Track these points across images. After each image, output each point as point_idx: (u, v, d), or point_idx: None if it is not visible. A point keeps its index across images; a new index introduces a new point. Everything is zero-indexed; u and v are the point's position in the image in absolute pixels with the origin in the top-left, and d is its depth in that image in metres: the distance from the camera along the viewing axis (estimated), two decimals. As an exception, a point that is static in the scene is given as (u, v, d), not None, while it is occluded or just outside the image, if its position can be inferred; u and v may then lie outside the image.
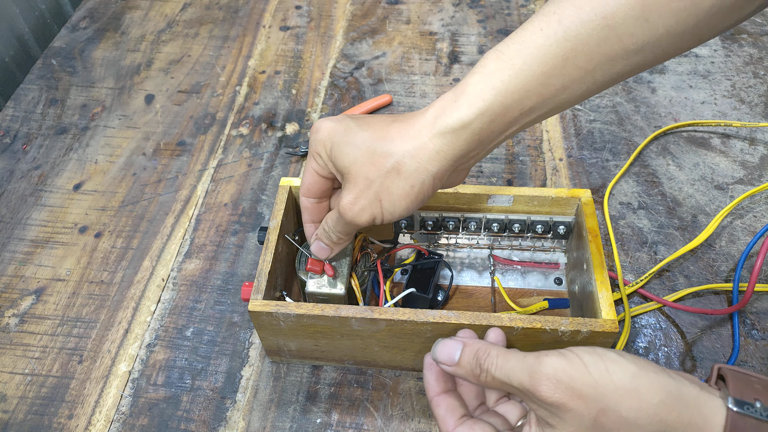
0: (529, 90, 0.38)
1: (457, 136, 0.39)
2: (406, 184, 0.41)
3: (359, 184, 0.41)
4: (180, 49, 0.89)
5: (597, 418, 0.32)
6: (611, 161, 0.71)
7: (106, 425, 0.53)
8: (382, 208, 0.42)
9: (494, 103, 0.38)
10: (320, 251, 0.48)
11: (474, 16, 0.92)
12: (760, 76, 0.80)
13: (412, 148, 0.40)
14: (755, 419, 0.30)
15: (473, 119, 0.38)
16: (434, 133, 0.40)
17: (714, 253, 0.63)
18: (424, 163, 0.40)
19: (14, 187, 0.72)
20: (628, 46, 0.36)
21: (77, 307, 0.61)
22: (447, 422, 0.40)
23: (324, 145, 0.44)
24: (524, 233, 0.58)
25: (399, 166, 0.40)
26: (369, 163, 0.41)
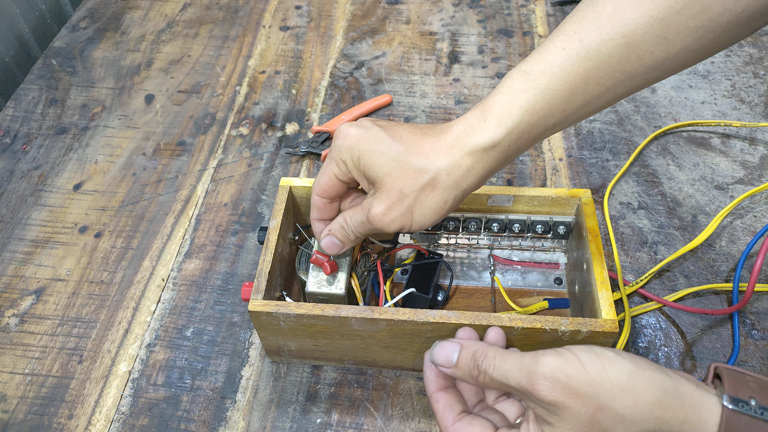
0: (553, 108, 0.39)
1: (487, 154, 0.41)
2: (440, 199, 0.42)
3: (392, 196, 0.42)
4: (180, 49, 0.89)
5: (594, 415, 0.33)
6: (611, 161, 0.71)
7: (106, 425, 0.53)
8: (412, 220, 0.43)
9: (521, 122, 0.40)
10: (331, 246, 0.48)
11: (474, 16, 0.92)
12: (760, 76, 0.80)
13: (447, 165, 0.41)
14: (750, 416, 0.31)
15: (502, 138, 0.40)
16: (466, 152, 0.41)
17: (714, 253, 0.63)
18: (458, 180, 0.42)
19: (14, 187, 0.72)
20: (648, 63, 0.37)
21: (77, 307, 0.61)
22: (446, 417, 0.41)
23: (351, 153, 0.44)
24: (524, 233, 0.58)
25: (434, 182, 0.42)
26: (404, 177, 0.42)
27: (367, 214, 0.44)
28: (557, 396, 0.33)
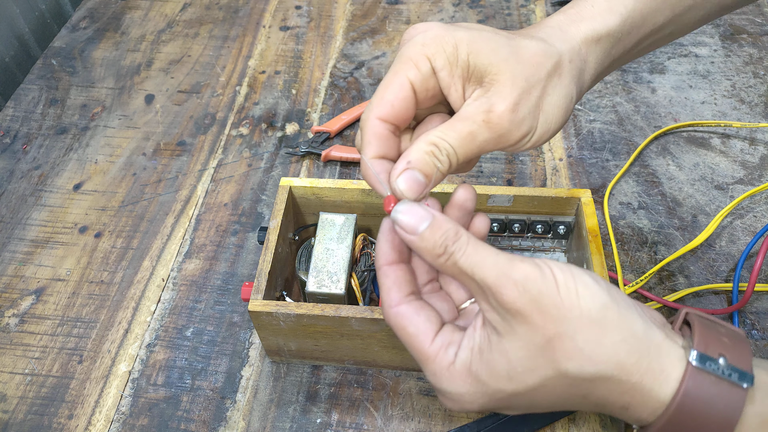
0: (663, 1, 0.35)
1: (601, 45, 0.35)
2: (568, 91, 0.34)
3: (518, 86, 0.32)
4: (180, 49, 0.89)
5: (551, 339, 0.29)
6: (611, 161, 0.71)
7: (106, 425, 0.53)
8: (540, 120, 0.33)
9: (634, 10, 0.34)
10: (413, 186, 0.33)
11: (474, 16, 0.92)
12: (760, 76, 0.80)
13: (568, 50, 0.34)
14: (715, 376, 0.28)
15: (616, 28, 0.34)
16: (581, 38, 0.34)
17: (714, 253, 0.63)
18: (579, 71, 0.34)
19: (14, 187, 0.72)
20: None
21: (77, 307, 0.61)
22: (391, 296, 0.34)
23: (443, 43, 0.33)
24: (524, 233, 0.58)
25: (560, 68, 0.34)
26: (523, 61, 0.33)
27: (484, 117, 0.32)
28: (522, 305, 0.29)
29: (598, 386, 0.29)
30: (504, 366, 0.30)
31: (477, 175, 0.71)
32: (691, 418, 0.27)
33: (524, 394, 0.30)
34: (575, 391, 0.29)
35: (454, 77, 0.33)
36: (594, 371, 0.28)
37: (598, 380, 0.28)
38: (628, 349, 0.28)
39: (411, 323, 0.32)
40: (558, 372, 0.29)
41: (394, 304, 0.33)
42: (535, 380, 0.29)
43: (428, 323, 0.32)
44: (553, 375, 0.29)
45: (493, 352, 0.30)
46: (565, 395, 0.30)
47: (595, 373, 0.28)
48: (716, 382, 0.28)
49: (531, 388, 0.29)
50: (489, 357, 0.30)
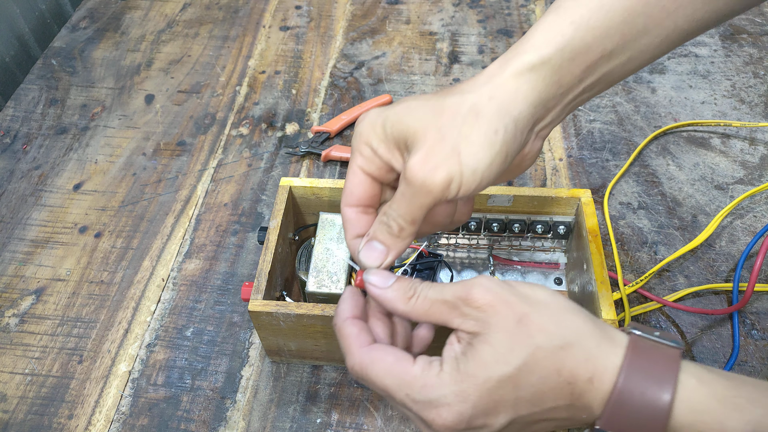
0: (610, 27, 0.35)
1: (536, 74, 0.35)
2: (489, 128, 0.34)
3: (429, 139, 0.34)
4: (180, 49, 0.89)
5: (521, 319, 0.33)
6: (611, 161, 0.71)
7: (106, 425, 0.53)
8: (461, 164, 0.34)
9: (574, 38, 0.35)
10: (373, 256, 0.38)
11: (474, 16, 0.92)
12: (760, 76, 0.80)
13: (488, 90, 0.35)
14: (653, 341, 0.33)
15: (552, 55, 0.35)
16: (510, 73, 0.35)
17: (714, 253, 0.63)
18: (504, 104, 0.35)
19: (14, 187, 0.72)
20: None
21: (77, 307, 0.61)
22: (361, 339, 0.36)
23: (373, 126, 0.37)
24: (524, 233, 0.58)
25: (476, 109, 0.35)
26: (439, 115, 0.35)
27: (404, 174, 0.35)
28: (490, 299, 0.33)
29: (568, 355, 0.32)
30: (489, 351, 0.33)
31: (477, 175, 0.71)
32: (639, 374, 0.31)
33: (512, 377, 0.32)
34: (551, 365, 0.32)
35: (390, 150, 0.37)
36: (561, 340, 0.32)
37: (566, 347, 0.32)
38: (583, 320, 0.33)
39: (389, 354, 0.35)
40: (534, 345, 0.32)
41: (365, 344, 0.36)
42: (518, 358, 0.32)
43: (403, 352, 0.35)
44: (532, 350, 0.32)
45: (476, 347, 0.33)
46: (545, 374, 0.32)
47: (562, 340, 0.32)
48: (655, 345, 0.33)
49: (516, 368, 0.32)
50: (473, 352, 0.33)
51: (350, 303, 0.38)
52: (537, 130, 0.38)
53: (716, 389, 0.31)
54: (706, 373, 0.32)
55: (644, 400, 0.31)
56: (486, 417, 0.33)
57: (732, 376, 0.32)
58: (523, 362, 0.32)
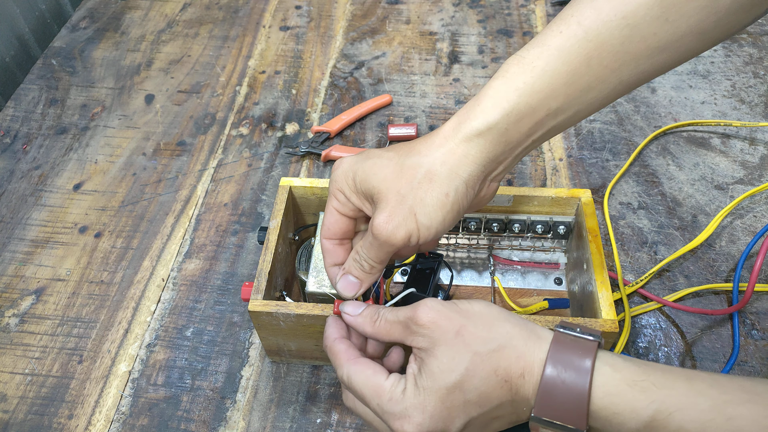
0: (554, 89, 0.38)
1: (483, 138, 0.39)
2: (441, 192, 0.40)
3: (391, 200, 0.40)
4: (180, 49, 0.89)
5: (459, 331, 0.38)
6: (611, 161, 0.71)
7: (106, 425, 0.53)
8: (417, 223, 0.40)
9: (519, 103, 0.39)
10: (348, 287, 0.44)
11: (474, 16, 0.92)
12: (760, 76, 0.80)
13: (440, 155, 0.40)
14: (574, 335, 0.38)
15: (498, 120, 0.39)
16: (461, 138, 0.40)
17: (714, 253, 0.63)
18: (454, 168, 0.40)
19: (14, 187, 0.72)
20: (652, 45, 0.37)
21: (77, 307, 0.61)
22: (349, 353, 0.42)
23: (345, 177, 0.43)
24: (524, 233, 0.58)
25: (430, 174, 0.40)
26: (399, 177, 0.40)
27: (371, 229, 0.41)
28: (433, 317, 0.39)
29: (501, 356, 0.37)
30: (436, 364, 0.38)
31: (477, 175, 0.71)
32: (561, 365, 0.36)
33: (458, 383, 0.37)
34: (488, 366, 0.37)
35: (360, 201, 0.43)
36: (494, 344, 0.38)
37: (499, 350, 0.37)
38: (512, 325, 0.39)
39: (369, 367, 0.41)
40: (472, 352, 0.38)
41: (352, 358, 0.42)
42: (460, 366, 0.37)
43: (381, 368, 0.41)
44: (470, 356, 0.37)
45: (426, 363, 0.38)
46: (485, 375, 0.37)
47: (495, 345, 0.38)
48: (575, 339, 0.37)
49: (460, 375, 0.37)
50: (425, 368, 0.38)
51: (335, 327, 0.44)
52: (490, 178, 0.42)
53: (627, 375, 0.35)
54: (620, 361, 0.36)
55: (566, 387, 0.35)
56: (444, 423, 0.38)
57: (644, 363, 0.36)
58: (465, 368, 0.37)
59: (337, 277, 0.45)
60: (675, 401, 0.34)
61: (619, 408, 0.35)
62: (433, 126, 0.76)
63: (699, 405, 0.33)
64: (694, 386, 0.34)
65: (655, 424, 0.33)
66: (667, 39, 0.37)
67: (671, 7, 0.36)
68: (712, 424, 0.32)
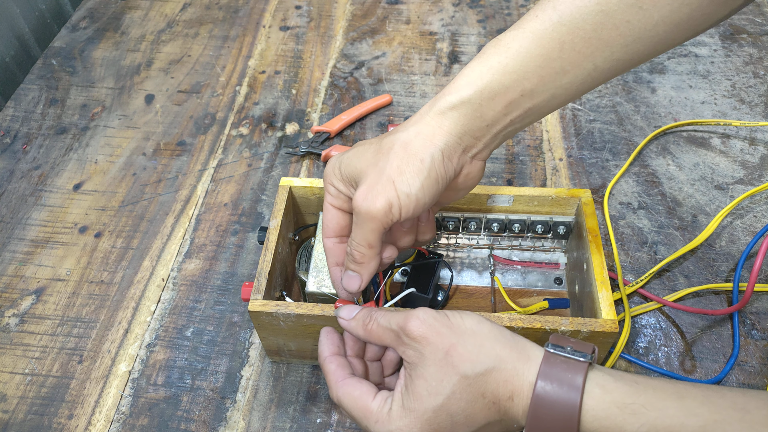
0: (527, 71, 0.39)
1: (457, 111, 0.41)
2: (416, 158, 0.41)
3: (371, 175, 0.41)
4: (180, 49, 0.89)
5: (448, 351, 0.38)
6: (611, 161, 0.71)
7: (106, 425, 0.53)
8: (396, 191, 0.40)
9: (492, 81, 0.40)
10: (350, 282, 0.45)
11: (474, 16, 0.92)
12: (760, 76, 0.80)
13: (415, 129, 0.41)
14: (564, 356, 0.37)
15: (471, 95, 0.40)
16: (435, 113, 0.41)
17: (714, 253, 0.63)
18: (428, 138, 0.41)
19: (14, 187, 0.72)
20: (625, 33, 0.38)
21: (77, 307, 0.61)
22: (338, 374, 0.43)
23: (333, 169, 0.44)
24: (524, 233, 0.58)
25: (405, 144, 0.41)
26: (377, 155, 0.42)
27: (353, 204, 0.42)
28: (423, 331, 0.39)
29: (489, 380, 0.37)
30: (423, 386, 0.38)
31: (477, 175, 0.71)
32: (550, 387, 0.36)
33: (444, 406, 0.37)
34: (475, 390, 0.37)
35: (347, 187, 0.44)
36: (482, 367, 0.37)
37: (487, 373, 0.37)
38: (503, 346, 0.38)
39: (356, 389, 0.41)
40: (459, 375, 0.37)
41: (341, 379, 0.42)
42: (446, 389, 0.38)
43: (369, 387, 0.41)
44: (457, 379, 0.37)
45: (414, 381, 0.39)
46: (471, 398, 0.37)
47: (483, 368, 0.37)
48: (566, 360, 0.37)
49: (446, 397, 0.37)
50: (412, 387, 0.39)
51: (327, 343, 0.45)
52: (471, 155, 0.43)
53: (617, 397, 0.35)
54: (611, 382, 0.36)
55: (556, 411, 0.35)
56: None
57: (635, 381, 0.36)
58: (452, 391, 0.38)
59: (338, 276, 0.46)
60: (665, 423, 0.34)
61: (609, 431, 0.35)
62: (433, 126, 0.76)
63: (689, 426, 0.33)
64: (685, 405, 0.34)
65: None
66: (641, 27, 0.37)
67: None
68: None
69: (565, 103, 0.42)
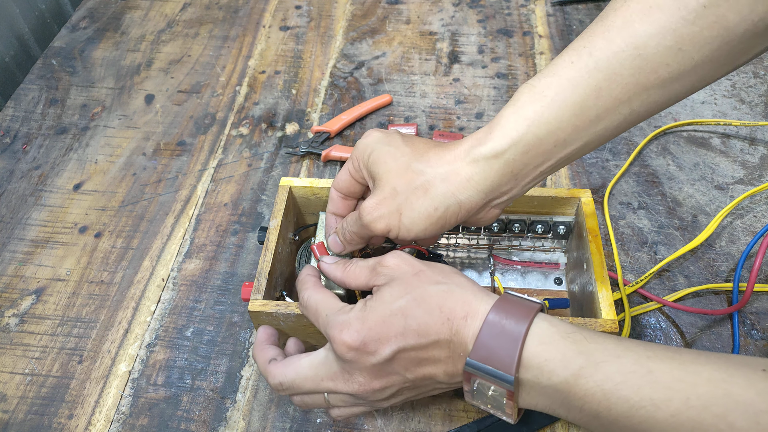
0: (562, 121, 0.39)
1: (489, 165, 0.41)
2: (430, 205, 0.42)
3: (385, 192, 0.43)
4: (180, 49, 0.89)
5: (417, 273, 0.41)
6: (611, 161, 0.72)
7: (106, 425, 0.53)
8: (399, 222, 0.43)
9: (527, 133, 0.39)
10: (334, 245, 0.49)
11: (474, 16, 0.92)
12: (760, 76, 0.80)
13: (444, 172, 0.42)
14: (519, 297, 0.39)
15: (506, 149, 0.40)
16: (468, 161, 0.41)
17: (714, 253, 0.63)
18: (453, 189, 0.42)
19: (14, 187, 0.72)
20: (664, 76, 0.37)
21: (77, 307, 0.61)
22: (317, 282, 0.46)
23: (365, 150, 0.45)
24: (524, 233, 0.58)
25: (428, 185, 0.42)
26: (400, 176, 0.42)
27: (360, 206, 0.44)
28: (398, 261, 0.42)
29: (448, 296, 0.39)
30: (387, 291, 0.40)
31: (477, 175, 0.71)
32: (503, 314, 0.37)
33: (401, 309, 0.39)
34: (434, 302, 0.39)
35: (366, 175, 0.46)
36: (445, 286, 0.39)
37: (448, 291, 0.39)
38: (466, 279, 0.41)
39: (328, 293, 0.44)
40: (422, 288, 0.40)
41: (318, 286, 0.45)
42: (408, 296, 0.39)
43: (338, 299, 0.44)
44: (420, 291, 0.39)
45: (380, 291, 0.41)
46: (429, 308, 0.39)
47: (446, 287, 0.39)
48: (520, 300, 0.39)
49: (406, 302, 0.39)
50: (378, 294, 0.41)
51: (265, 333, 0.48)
52: (492, 205, 0.44)
53: (562, 329, 0.37)
54: (558, 321, 0.38)
55: (503, 332, 0.37)
56: (377, 343, 0.39)
57: (580, 326, 0.38)
58: (412, 297, 0.39)
59: (330, 230, 0.50)
60: (603, 354, 0.35)
61: (551, 355, 0.36)
62: (434, 126, 0.76)
63: (625, 358, 0.34)
64: (623, 344, 0.36)
65: (583, 372, 0.35)
66: (680, 69, 0.36)
67: (685, 37, 0.35)
68: (634, 375, 0.34)
69: (594, 149, 0.42)
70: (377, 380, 0.40)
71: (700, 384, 0.32)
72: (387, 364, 0.39)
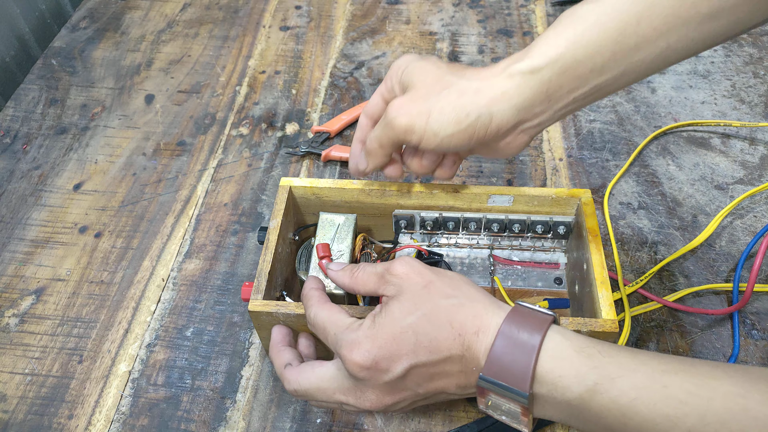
0: (602, 45, 0.39)
1: (525, 80, 0.41)
2: (462, 110, 0.41)
3: (417, 93, 0.42)
4: (180, 49, 0.89)
5: (427, 285, 0.40)
6: (611, 161, 0.71)
7: (106, 425, 0.53)
8: (426, 124, 0.42)
9: (565, 53, 0.40)
10: (359, 161, 0.49)
11: (474, 16, 0.92)
12: (760, 76, 0.80)
13: (480, 85, 0.42)
14: (531, 309, 0.39)
15: (543, 66, 0.40)
16: (504, 76, 0.41)
17: (714, 253, 0.63)
18: (486, 100, 0.41)
19: (14, 187, 0.72)
20: (703, 11, 0.37)
21: (77, 307, 0.61)
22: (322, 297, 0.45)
23: (400, 67, 0.45)
24: (524, 233, 0.58)
25: (462, 91, 0.41)
26: (435, 83, 0.42)
27: (386, 107, 0.43)
28: (407, 270, 0.41)
29: (459, 310, 0.39)
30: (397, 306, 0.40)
31: (477, 175, 0.71)
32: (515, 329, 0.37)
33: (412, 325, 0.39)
34: (445, 317, 0.38)
35: (398, 89, 0.46)
36: (455, 300, 0.39)
37: (459, 305, 0.39)
38: (477, 291, 0.41)
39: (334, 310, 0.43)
40: (432, 303, 0.39)
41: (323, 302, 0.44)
42: (418, 311, 0.39)
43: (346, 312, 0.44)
44: (430, 305, 0.39)
45: (389, 304, 0.40)
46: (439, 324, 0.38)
47: (456, 300, 0.39)
48: (532, 312, 0.38)
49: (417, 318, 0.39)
50: (386, 308, 0.40)
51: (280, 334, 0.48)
52: (522, 128, 0.43)
53: (576, 343, 0.37)
54: (571, 334, 0.37)
55: (517, 348, 0.36)
56: (389, 361, 0.39)
57: (594, 339, 0.37)
58: (423, 313, 0.39)
59: (357, 151, 0.49)
60: (618, 369, 0.35)
61: (565, 371, 0.35)
62: (433, 126, 0.76)
63: (639, 372, 0.34)
64: (637, 357, 0.35)
65: (598, 388, 0.34)
66: (720, 5, 0.37)
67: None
68: (648, 391, 0.33)
69: (630, 84, 0.42)
70: (389, 396, 0.40)
71: (716, 399, 0.32)
72: (399, 381, 0.39)
